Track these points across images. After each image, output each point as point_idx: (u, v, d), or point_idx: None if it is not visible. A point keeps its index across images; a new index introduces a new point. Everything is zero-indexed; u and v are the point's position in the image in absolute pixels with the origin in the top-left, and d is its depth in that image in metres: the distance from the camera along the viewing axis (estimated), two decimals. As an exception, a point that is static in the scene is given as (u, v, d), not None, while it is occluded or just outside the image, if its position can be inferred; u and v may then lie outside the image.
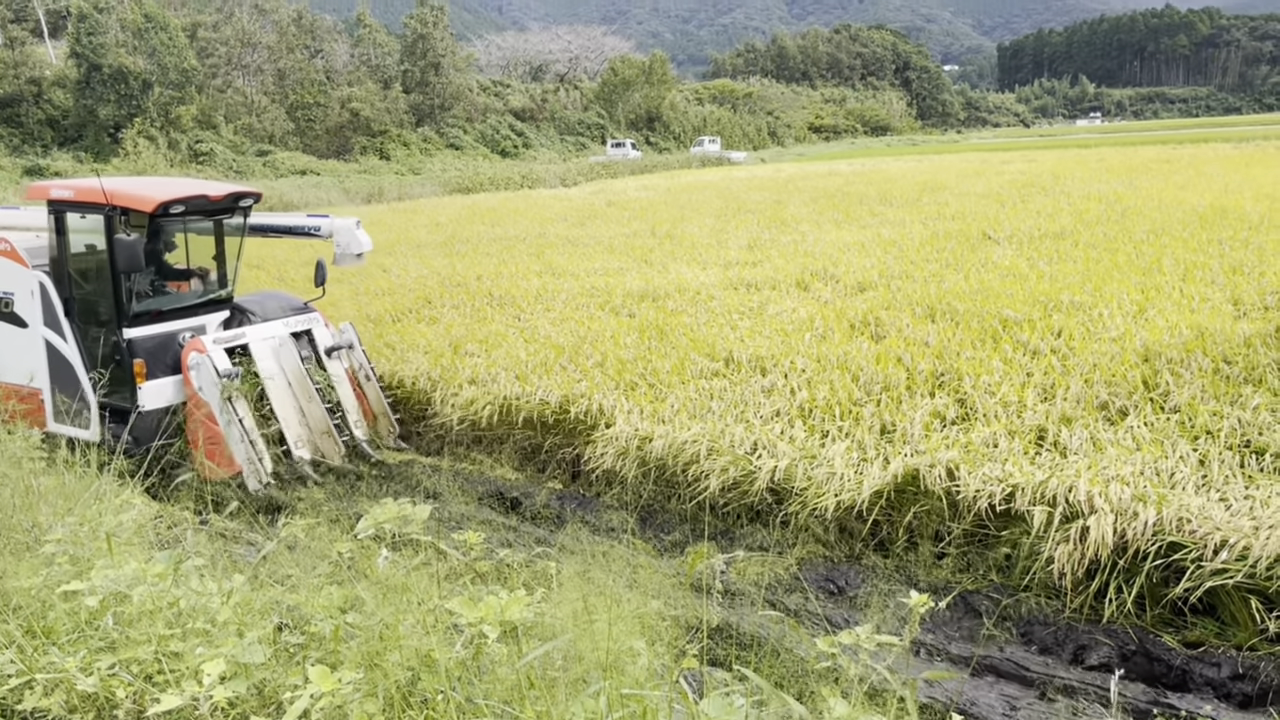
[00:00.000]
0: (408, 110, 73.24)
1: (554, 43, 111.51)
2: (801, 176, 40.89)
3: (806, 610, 6.12)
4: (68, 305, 9.26)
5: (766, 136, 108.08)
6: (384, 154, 66.32)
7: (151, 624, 3.61)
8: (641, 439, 8.24)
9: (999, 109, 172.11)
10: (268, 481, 8.96)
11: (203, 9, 70.28)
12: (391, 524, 3.57)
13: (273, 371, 9.52)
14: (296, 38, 70.27)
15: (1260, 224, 15.81)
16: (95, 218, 9.08)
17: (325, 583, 3.97)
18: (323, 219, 10.86)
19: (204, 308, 9.88)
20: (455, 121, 75.79)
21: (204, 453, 8.86)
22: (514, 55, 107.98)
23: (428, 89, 75.31)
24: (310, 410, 9.75)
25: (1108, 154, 44.40)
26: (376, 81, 73.36)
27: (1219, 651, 5.39)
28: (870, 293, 12.76)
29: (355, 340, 10.43)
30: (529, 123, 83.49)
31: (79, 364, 9.23)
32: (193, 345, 9.13)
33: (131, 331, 9.08)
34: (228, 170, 52.90)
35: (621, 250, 19.54)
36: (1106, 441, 6.90)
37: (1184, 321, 9.39)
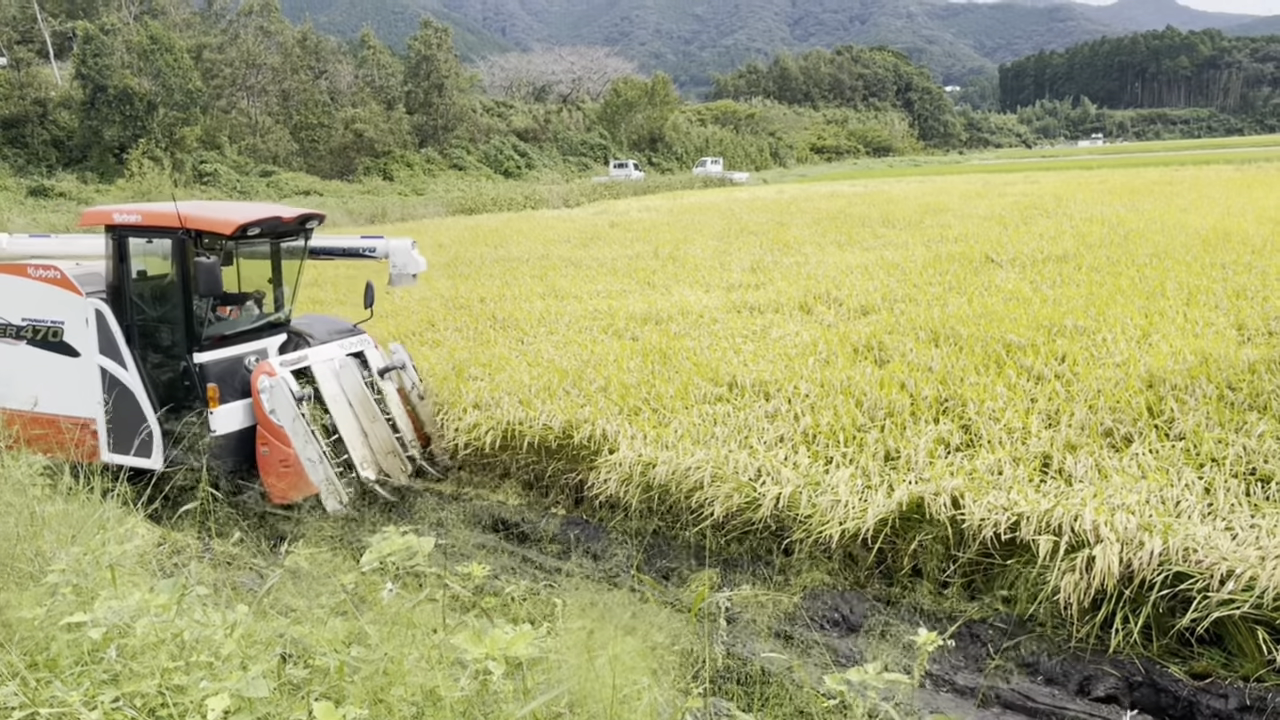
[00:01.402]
0: (411, 131, 73.60)
1: (557, 64, 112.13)
2: (804, 198, 41.01)
3: (812, 641, 6.10)
4: (129, 332, 9.13)
5: (769, 157, 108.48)
6: (387, 175, 66.62)
7: (155, 656, 3.60)
8: (645, 465, 8.22)
9: (1001, 130, 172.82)
10: (346, 501, 8.92)
11: (208, 31, 70.77)
12: (396, 556, 3.56)
13: (335, 393, 9.56)
14: (301, 59, 70.70)
15: (1263, 247, 15.82)
16: (163, 242, 9.06)
17: (330, 615, 3.96)
18: (378, 240, 10.92)
19: (264, 331, 9.87)
20: (459, 142, 76.14)
21: (276, 476, 8.81)
22: (517, 76, 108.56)
23: (431, 110, 75.70)
24: (374, 430, 9.78)
25: (1110, 175, 44.51)
26: (380, 102, 73.73)
27: (1226, 683, 5.36)
28: (873, 316, 12.77)
29: (407, 360, 10.48)
30: (532, 143, 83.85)
31: (141, 392, 9.09)
32: (262, 368, 9.09)
33: (202, 356, 9.04)
34: (231, 191, 53.11)
35: (624, 272, 19.57)
36: (1112, 469, 6.88)
37: (1188, 347, 9.38)
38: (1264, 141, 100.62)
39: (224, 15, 73.56)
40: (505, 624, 3.24)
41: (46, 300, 9.43)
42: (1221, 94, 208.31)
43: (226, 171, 56.56)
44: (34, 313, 9.50)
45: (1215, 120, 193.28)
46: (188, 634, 3.77)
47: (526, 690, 2.89)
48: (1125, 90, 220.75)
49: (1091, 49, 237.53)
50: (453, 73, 78.25)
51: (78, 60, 53.59)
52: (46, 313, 9.45)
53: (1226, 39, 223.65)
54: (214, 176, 54.93)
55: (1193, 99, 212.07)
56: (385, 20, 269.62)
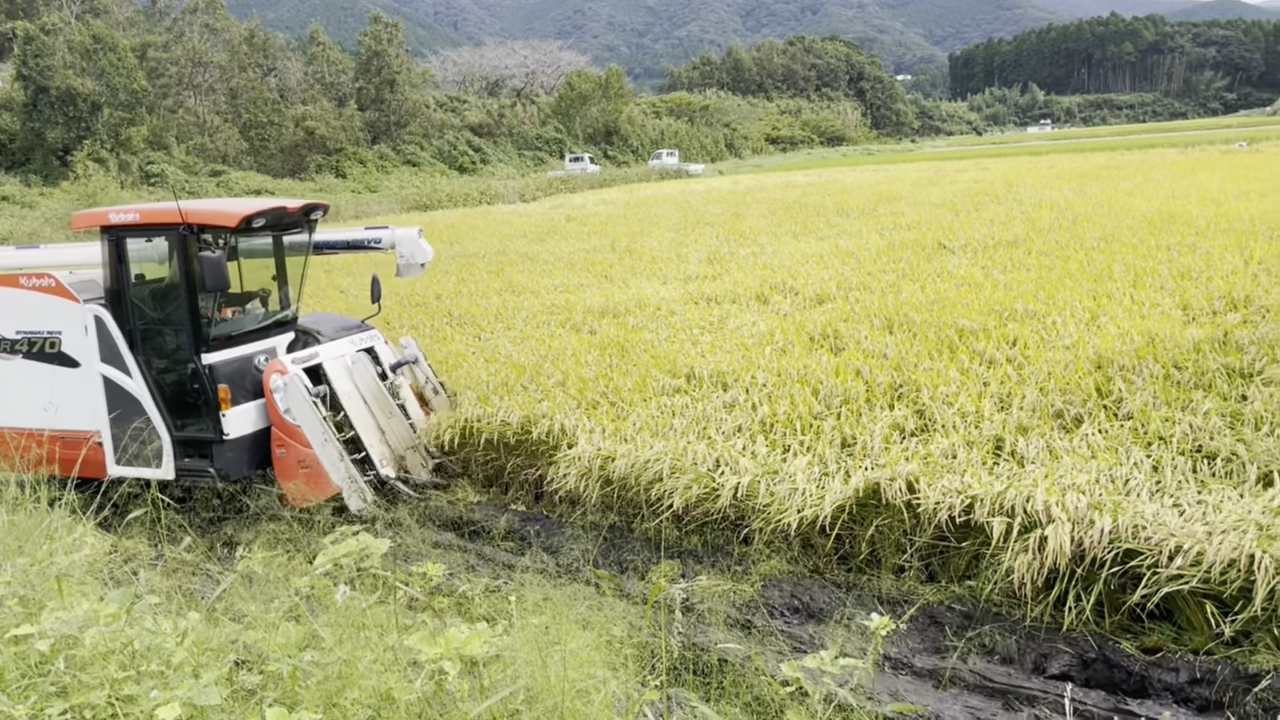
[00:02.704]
0: (363, 127, 72.84)
1: (510, 58, 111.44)
2: (759, 188, 41.17)
3: (772, 629, 6.13)
4: (131, 337, 8.74)
5: (724, 148, 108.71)
6: (340, 172, 65.88)
7: (105, 667, 3.54)
8: (604, 458, 8.21)
9: (952, 118, 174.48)
10: (370, 500, 8.68)
11: (152, 29, 69.42)
12: (350, 558, 3.52)
13: (348, 390, 9.30)
14: (248, 56, 69.66)
15: (1207, 229, 16.15)
16: (160, 245, 8.75)
17: (283, 619, 3.91)
18: (383, 230, 10.65)
19: (271, 330, 9.53)
20: (412, 138, 75.48)
21: (294, 478, 8.52)
22: (470, 71, 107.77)
23: (383, 106, 74.97)
24: (391, 426, 9.54)
25: (1058, 160, 45.16)
26: (331, 99, 72.88)
27: (1177, 656, 5.47)
28: (829, 305, 12.86)
29: (420, 354, 10.24)
30: (486, 138, 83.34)
31: (148, 398, 8.74)
32: (273, 367, 8.80)
33: (210, 357, 8.66)
34: (181, 192, 52.22)
35: (581, 266, 19.55)
36: (1062, 450, 6.99)
37: (1135, 328, 9.55)
38: (1207, 125, 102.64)
39: (168, 13, 72.23)
40: (461, 623, 3.22)
41: (42, 310, 9.00)
42: (1165, 79, 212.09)
43: (174, 172, 55.61)
44: (29, 324, 9.07)
45: (1160, 105, 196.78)
46: (138, 643, 3.71)
47: (483, 689, 2.88)
48: (1072, 76, 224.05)
49: (1038, 36, 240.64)
50: (404, 68, 77.54)
51: (18, 61, 52.32)
52: (42, 323, 9.03)
53: (1169, 24, 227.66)
54: (161, 177, 53.97)
55: (1137, 84, 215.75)
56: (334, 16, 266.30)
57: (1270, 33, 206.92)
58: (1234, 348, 8.71)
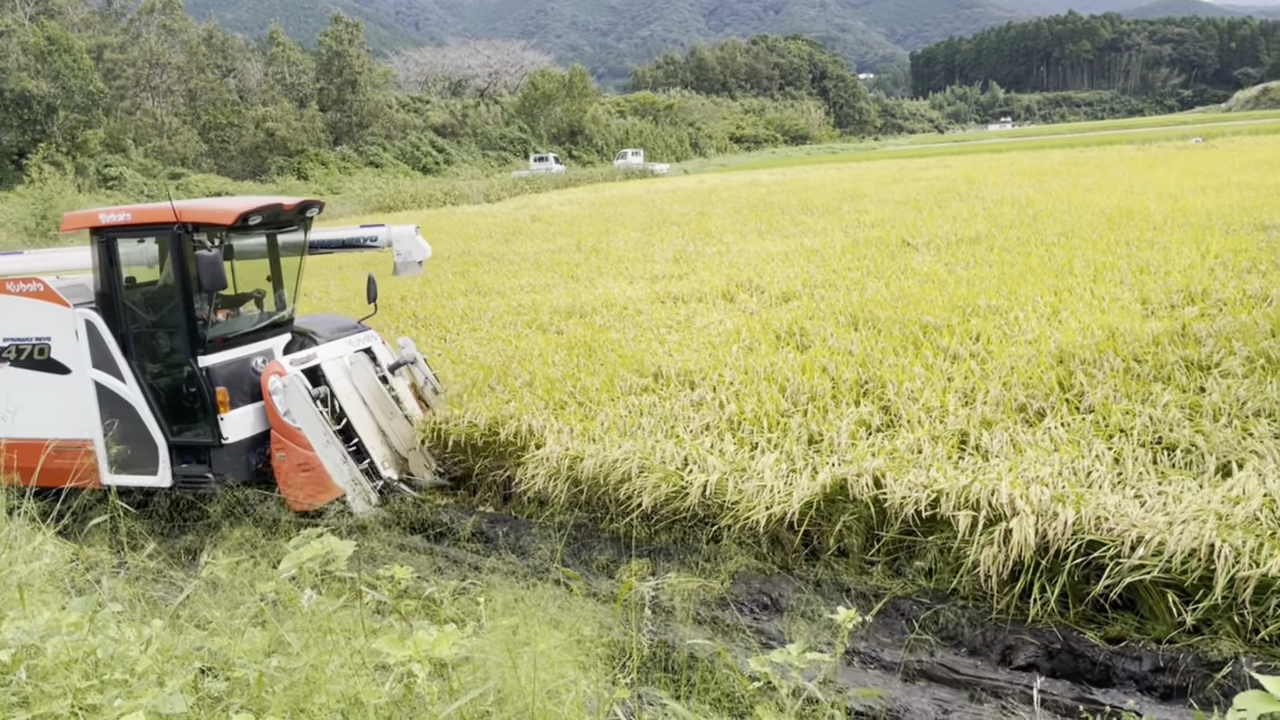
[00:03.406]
0: (325, 129, 72.28)
1: (473, 58, 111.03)
2: (724, 187, 41.29)
3: (741, 625, 6.15)
4: (124, 341, 8.50)
5: (689, 147, 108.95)
6: (302, 174, 65.30)
7: (67, 676, 3.48)
8: (573, 459, 8.20)
9: (914, 116, 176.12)
10: (375, 502, 8.53)
11: (108, 30, 68.40)
12: (315, 562, 3.49)
13: (348, 391, 9.12)
14: (207, 57, 68.90)
15: (1164, 224, 16.41)
16: (149, 247, 8.55)
17: (248, 625, 3.87)
18: (379, 228, 10.49)
19: (268, 331, 9.35)
20: (374, 139, 74.97)
21: (296, 482, 8.34)
22: (432, 71, 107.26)
23: (345, 107, 74.43)
24: (393, 427, 9.37)
25: (1019, 158, 45.70)
26: (292, 100, 72.23)
27: (1140, 646, 5.56)
28: (795, 302, 12.92)
29: (418, 354, 10.07)
30: (450, 138, 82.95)
31: (142, 404, 8.52)
32: (271, 369, 8.61)
33: (207, 359, 8.45)
34: (139, 195, 51.50)
35: (548, 266, 19.50)
36: (1026, 443, 7.07)
37: (1095, 322, 9.68)
38: (1163, 121, 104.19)
39: (124, 14, 71.21)
40: (430, 625, 3.21)
41: (30, 315, 8.74)
42: (1122, 76, 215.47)
43: (133, 175, 54.84)
44: (16, 331, 8.81)
45: (1117, 102, 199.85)
46: (101, 651, 3.66)
47: (452, 691, 2.86)
48: (1031, 74, 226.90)
49: (998, 35, 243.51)
50: (366, 69, 77.04)
51: (-31, 63, 51.40)
52: (30, 329, 8.76)
53: (1125, 22, 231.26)
54: (119, 180, 53.20)
55: (1095, 81, 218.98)
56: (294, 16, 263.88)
57: (1224, 30, 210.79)
58: (1192, 340, 8.85)
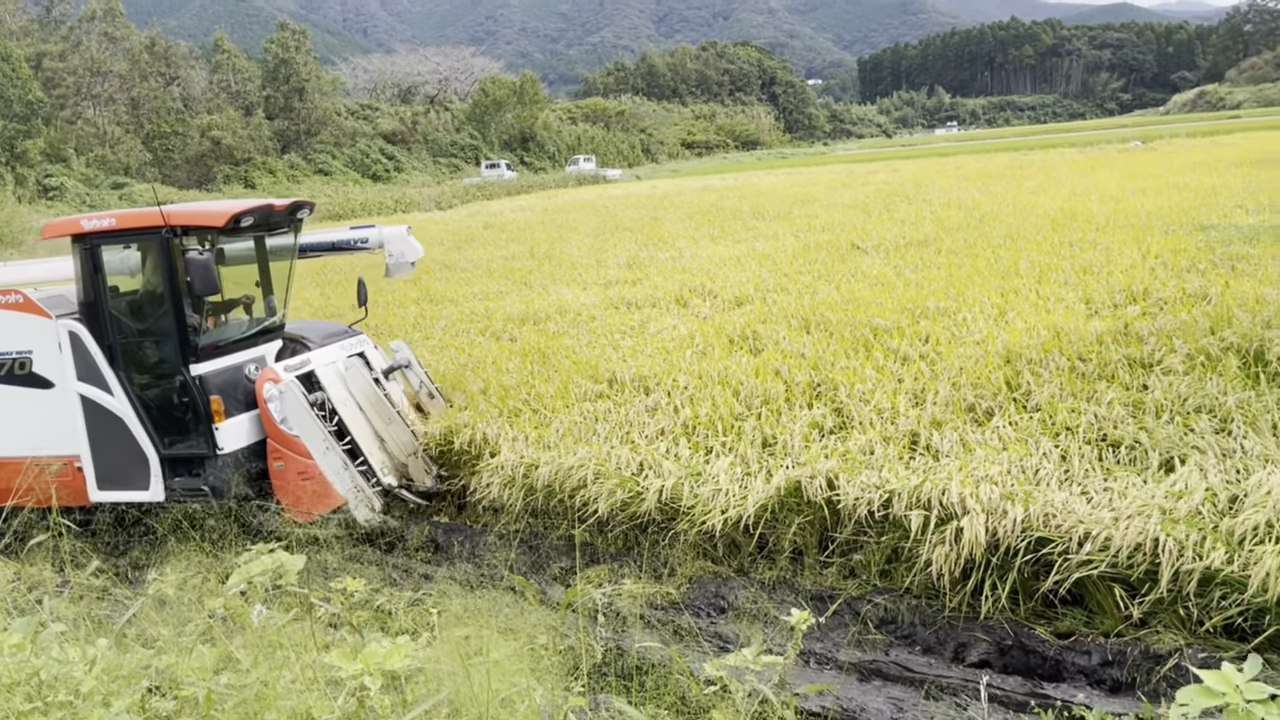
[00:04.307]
0: (272, 137, 71.40)
1: (422, 64, 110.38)
2: (676, 193, 41.43)
3: (698, 629, 6.16)
4: (111, 352, 8.22)
5: (641, 154, 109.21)
6: (249, 182, 64.40)
7: (9, 699, 3.40)
8: (528, 466, 8.17)
9: (862, 121, 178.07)
10: (379, 509, 8.34)
11: (47, 38, 66.99)
12: (264, 576, 3.44)
13: (343, 397, 8.90)
14: (150, 65, 67.75)
15: (1106, 225, 16.75)
16: (132, 255, 8.30)
17: (197, 642, 3.80)
18: (370, 229, 10.28)
19: (259, 338, 9.11)
20: (323, 147, 74.20)
21: (295, 492, 8.15)
22: (381, 78, 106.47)
23: (292, 114, 73.59)
24: (391, 432, 9.16)
25: (965, 161, 46.40)
26: (238, 108, 71.28)
27: (1088, 640, 5.65)
28: (747, 307, 12.99)
29: (412, 358, 9.87)
30: (400, 146, 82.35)
31: (131, 416, 8.24)
32: (266, 376, 8.39)
33: (200, 368, 8.20)
34: (81, 205, 50.44)
35: (500, 273, 19.43)
36: (975, 443, 7.17)
37: (1041, 322, 9.84)
38: (1104, 124, 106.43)
39: (64, 22, 69.83)
40: (383, 638, 3.17)
41: (9, 329, 8.44)
42: (1064, 81, 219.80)
43: (74, 185, 53.72)
44: None
45: (1060, 106, 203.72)
46: (45, 673, 3.57)
47: (406, 704, 2.83)
48: (976, 79, 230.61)
49: (943, 40, 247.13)
50: (313, 76, 76.26)
51: (-99, 71, 50.04)
52: (10, 343, 8.45)
53: (1066, 28, 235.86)
54: (60, 191, 52.08)
55: (1038, 86, 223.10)
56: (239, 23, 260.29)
57: (1162, 34, 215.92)
58: (1134, 339, 9.03)
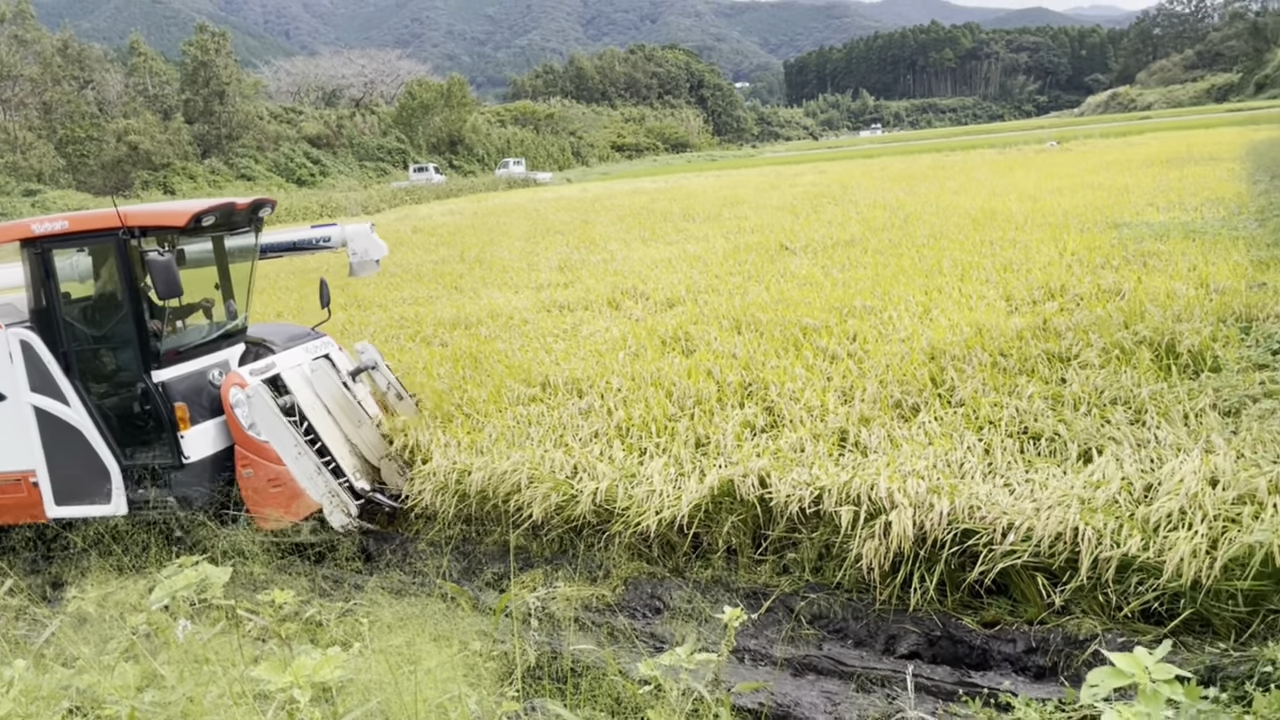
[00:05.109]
0: (192, 141, 69.75)
1: (347, 67, 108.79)
2: (607, 195, 41.47)
3: (635, 630, 6.18)
4: (66, 360, 7.88)
5: (571, 156, 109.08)
6: (168, 188, 62.82)
7: (-81, 727, 3.28)
8: (460, 472, 8.11)
9: (789, 123, 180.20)
10: (355, 514, 8.07)
11: (-49, 39, 64.54)
12: (189, 590, 3.36)
13: (311, 401, 8.63)
14: (63, 68, 65.69)
15: (1024, 224, 17.20)
16: (99, 250, 7.97)
17: (119, 660, 3.71)
18: (332, 228, 9.98)
19: (222, 341, 8.78)
20: (245, 151, 72.67)
21: (266, 499, 7.86)
22: (305, 81, 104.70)
23: (213, 118, 71.96)
24: (361, 435, 8.89)
25: (889, 163, 47.24)
26: (155, 112, 69.48)
27: (1013, 628, 5.80)
28: (679, 308, 13.06)
29: (379, 359, 9.58)
30: (325, 150, 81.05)
31: (90, 427, 7.92)
32: (232, 380, 8.08)
33: (162, 374, 7.91)
34: (-10, 212, 48.67)
35: (430, 278, 19.26)
36: (902, 438, 7.31)
37: (964, 319, 10.08)
38: (1022, 126, 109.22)
39: (-31, 23, 67.26)
40: (313, 649, 3.13)
41: None
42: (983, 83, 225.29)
43: (-18, 192, 51.81)
44: None
45: (979, 108, 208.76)
46: (-43, 698, 3.45)
47: (337, 715, 2.80)
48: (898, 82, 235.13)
49: (866, 44, 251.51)
50: (234, 79, 74.67)
51: None
52: None
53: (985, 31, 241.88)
54: (-32, 198, 50.19)
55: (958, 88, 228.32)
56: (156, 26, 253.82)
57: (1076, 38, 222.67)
58: (1053, 334, 9.30)
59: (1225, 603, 5.23)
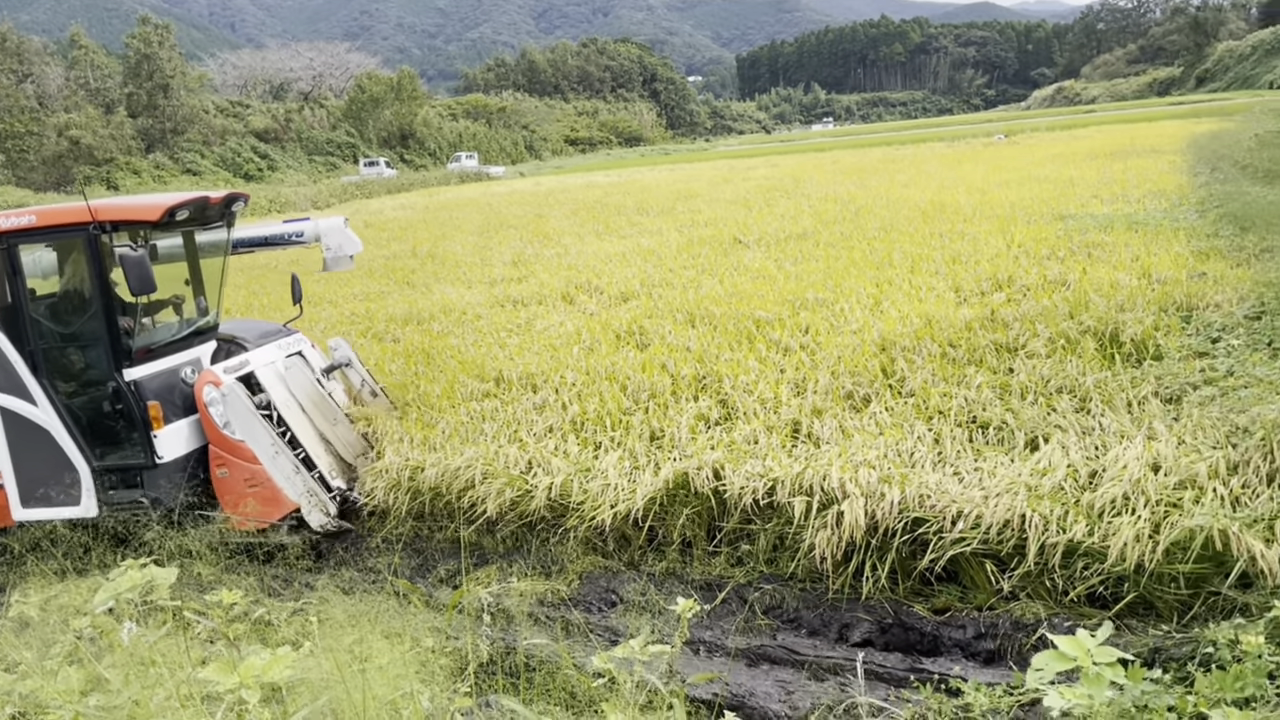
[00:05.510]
0: (136, 135, 68.34)
1: (295, 60, 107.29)
2: (561, 189, 41.36)
3: (588, 624, 6.19)
4: (34, 359, 7.68)
5: (524, 150, 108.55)
6: (112, 183, 61.53)
7: None
8: (413, 469, 8.05)
9: (742, 117, 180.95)
10: (334, 513, 7.93)
11: (-118, 31, 62.67)
12: (134, 592, 3.31)
13: (285, 399, 8.48)
14: (1, 62, 63.95)
15: (973, 216, 17.43)
16: (64, 245, 7.76)
17: (63, 664, 3.63)
18: (305, 222, 9.78)
19: (193, 339, 8.58)
20: (191, 145, 71.39)
21: (242, 500, 7.70)
22: (252, 74, 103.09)
23: (157, 112, 70.56)
24: (337, 434, 8.74)
25: (841, 156, 47.62)
26: (97, 106, 68.00)
27: (963, 614, 5.89)
28: (633, 302, 13.07)
29: (352, 356, 9.44)
30: (273, 144, 79.85)
31: (59, 428, 7.73)
32: (205, 378, 7.91)
33: (134, 372, 7.73)
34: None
35: (381, 273, 19.07)
36: (853, 429, 7.39)
37: (914, 311, 10.20)
38: (970, 119, 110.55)
39: (-100, 13, 65.35)
40: (261, 649, 3.09)
41: None
42: (932, 77, 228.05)
43: (-84, 188, 50.36)
44: None
45: (929, 102, 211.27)
46: (-107, 708, 3.36)
47: (287, 715, 2.77)
48: (849, 76, 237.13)
49: (817, 38, 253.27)
50: (178, 72, 73.26)
51: None
52: None
53: (933, 26, 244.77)
54: (-99, 194, 48.77)
55: (908, 82, 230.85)
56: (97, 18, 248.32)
57: (1022, 33, 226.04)
58: (1000, 325, 9.45)
59: (1167, 586, 5.35)
